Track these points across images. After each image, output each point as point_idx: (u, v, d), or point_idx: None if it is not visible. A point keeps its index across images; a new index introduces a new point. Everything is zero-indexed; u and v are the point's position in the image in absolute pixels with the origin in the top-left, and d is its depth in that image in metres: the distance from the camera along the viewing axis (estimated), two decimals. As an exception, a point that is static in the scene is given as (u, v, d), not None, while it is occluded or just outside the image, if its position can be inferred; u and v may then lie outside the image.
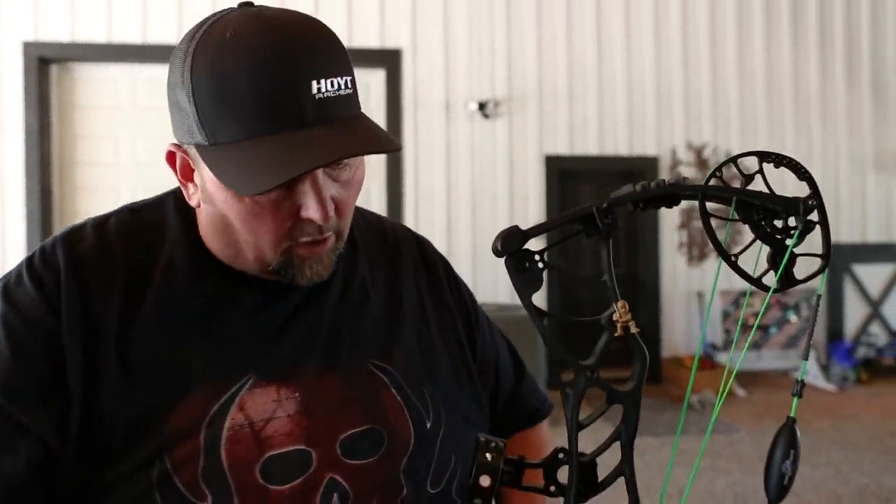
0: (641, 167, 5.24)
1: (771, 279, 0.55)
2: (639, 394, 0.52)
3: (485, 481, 0.50)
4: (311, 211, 0.56)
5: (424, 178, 4.99)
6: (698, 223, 5.34)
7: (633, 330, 0.50)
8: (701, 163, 5.31)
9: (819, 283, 0.57)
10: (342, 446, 0.61)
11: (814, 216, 0.54)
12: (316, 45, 0.55)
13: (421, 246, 0.78)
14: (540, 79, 5.11)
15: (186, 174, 0.60)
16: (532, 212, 5.09)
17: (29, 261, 0.59)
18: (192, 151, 0.57)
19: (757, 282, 0.57)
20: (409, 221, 4.93)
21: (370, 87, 5.04)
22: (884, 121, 5.63)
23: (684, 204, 0.56)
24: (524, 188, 5.09)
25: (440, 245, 0.37)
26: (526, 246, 0.51)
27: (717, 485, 3.47)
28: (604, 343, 0.51)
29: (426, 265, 0.76)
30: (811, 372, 5.45)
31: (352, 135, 0.55)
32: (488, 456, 0.50)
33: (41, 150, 4.58)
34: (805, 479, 3.52)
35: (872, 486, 3.44)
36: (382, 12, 4.94)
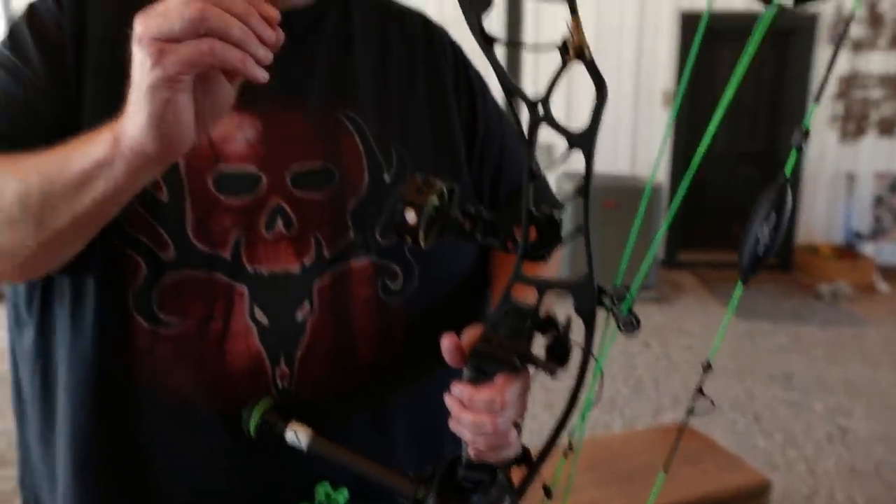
0: (797, 25, 4.55)
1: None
2: (594, 134, 0.46)
3: (410, 217, 0.48)
4: None
5: (545, 33, 4.69)
6: (860, 93, 4.62)
7: (588, 56, 0.44)
8: (875, 18, 4.50)
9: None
10: (292, 176, 0.63)
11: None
12: None
13: (428, 28, 0.77)
14: (684, -80, 4.48)
15: None
16: (661, 76, 4.66)
17: None
18: None
19: None
20: (527, 79, 4.70)
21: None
22: None
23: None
24: (654, 49, 4.64)
25: (561, 108, 0.35)
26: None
27: (829, 375, 3.25)
28: (556, 73, 0.45)
29: (428, 45, 0.75)
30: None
31: None
32: (418, 192, 0.48)
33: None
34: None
35: None
36: None
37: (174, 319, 0.61)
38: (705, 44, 0.40)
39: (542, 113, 0.46)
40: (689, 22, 4.58)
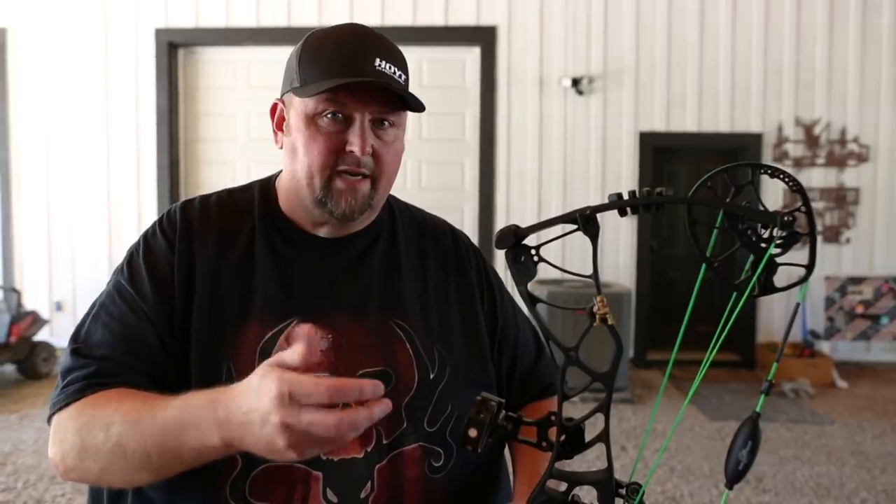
0: (743, 145, 5.01)
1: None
2: (613, 375, 0.62)
3: (472, 433, 0.62)
4: (353, 145, 0.76)
5: (517, 155, 5.06)
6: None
7: (610, 321, 0.61)
8: (811, 140, 5.00)
9: (800, 293, 0.64)
10: None
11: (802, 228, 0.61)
12: (386, 45, 0.80)
13: (455, 237, 0.95)
14: (637, 53, 5.00)
15: (279, 123, 0.84)
16: (624, 188, 5.02)
17: (160, 219, 0.85)
18: (288, 97, 0.81)
19: (735, 287, 0.65)
20: (501, 198, 5.03)
21: (465, 65, 5.14)
22: None
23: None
24: (617, 166, 5.04)
25: (531, 221, 0.47)
26: (526, 241, 0.63)
27: (798, 475, 3.40)
28: (585, 330, 0.63)
29: (456, 253, 0.92)
30: (926, 367, 5.05)
31: (393, 86, 0.76)
32: (479, 413, 0.63)
33: (170, 128, 5.10)
34: (901, 478, 3.35)
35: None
36: (479, -11, 5.01)
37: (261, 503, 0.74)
38: (662, 159, 0.54)
39: (573, 357, 0.63)
40: (645, 140, 5.01)
